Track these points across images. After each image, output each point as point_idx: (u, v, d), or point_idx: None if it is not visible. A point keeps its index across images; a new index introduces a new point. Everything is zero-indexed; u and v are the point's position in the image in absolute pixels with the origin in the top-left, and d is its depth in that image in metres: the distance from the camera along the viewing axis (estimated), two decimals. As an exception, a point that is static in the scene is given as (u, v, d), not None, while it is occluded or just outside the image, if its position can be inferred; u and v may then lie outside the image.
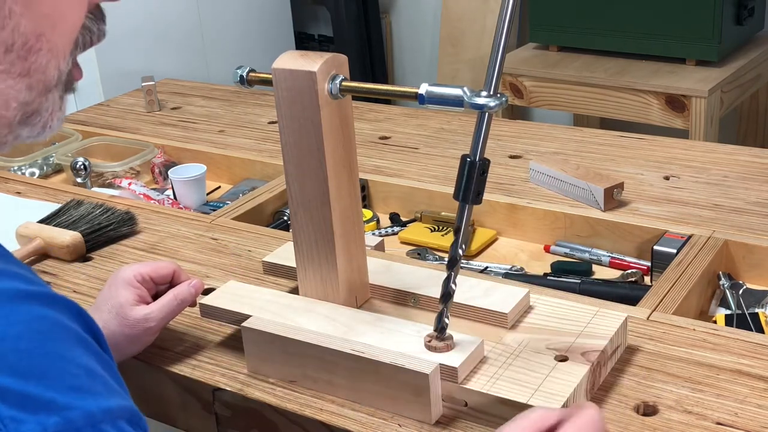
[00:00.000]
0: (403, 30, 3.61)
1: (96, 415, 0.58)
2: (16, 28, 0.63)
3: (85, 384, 0.59)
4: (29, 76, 0.66)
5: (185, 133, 1.91)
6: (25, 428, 0.54)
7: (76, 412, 0.57)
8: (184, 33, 3.00)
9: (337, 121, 0.99)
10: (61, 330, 0.60)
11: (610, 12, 2.58)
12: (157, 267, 1.08)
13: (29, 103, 0.66)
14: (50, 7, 0.65)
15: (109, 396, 0.60)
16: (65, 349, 0.59)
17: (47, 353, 0.58)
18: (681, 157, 1.57)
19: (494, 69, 0.88)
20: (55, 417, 0.56)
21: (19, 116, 0.66)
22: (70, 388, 0.57)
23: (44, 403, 0.56)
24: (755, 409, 0.92)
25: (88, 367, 0.60)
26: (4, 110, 0.65)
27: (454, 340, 0.95)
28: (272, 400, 1.00)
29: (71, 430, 0.56)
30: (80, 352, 0.60)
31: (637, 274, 1.30)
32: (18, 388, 0.55)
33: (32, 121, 0.68)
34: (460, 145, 1.71)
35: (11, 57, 0.64)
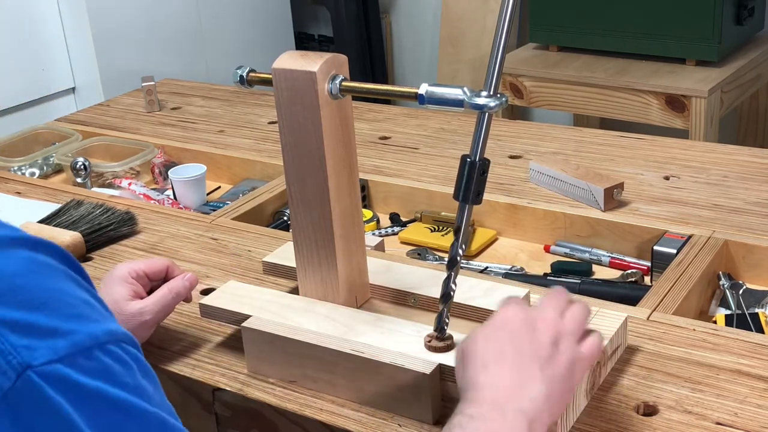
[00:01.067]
0: (403, 30, 3.61)
1: (100, 337, 0.61)
2: None
3: (84, 312, 0.62)
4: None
5: (185, 133, 1.91)
6: (38, 354, 0.57)
7: (82, 335, 0.60)
8: (184, 33, 3.01)
9: (337, 121, 0.99)
10: (52, 269, 0.63)
11: (610, 12, 2.58)
12: (151, 263, 1.09)
13: None
14: None
15: (108, 321, 0.63)
16: (60, 285, 0.62)
17: (44, 288, 0.61)
18: (681, 157, 1.57)
19: (494, 69, 0.88)
20: (63, 340, 0.59)
21: None
22: (70, 316, 0.61)
23: (51, 330, 0.59)
24: (755, 409, 0.92)
25: (83, 298, 0.63)
26: None
27: (454, 340, 0.95)
28: (272, 400, 1.00)
29: (80, 351, 0.59)
30: (73, 286, 0.63)
31: (637, 275, 1.30)
32: (25, 319, 0.58)
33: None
34: (460, 145, 1.71)
35: None
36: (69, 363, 0.58)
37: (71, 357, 0.58)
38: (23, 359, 0.57)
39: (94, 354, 0.60)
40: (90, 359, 0.59)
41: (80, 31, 2.71)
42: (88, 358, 0.59)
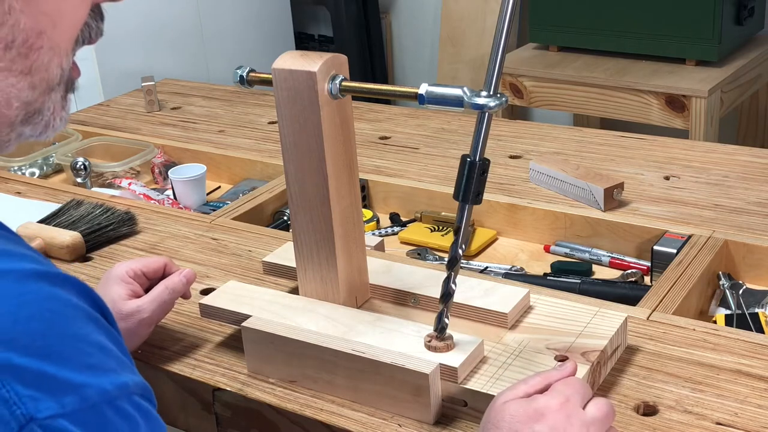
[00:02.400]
0: (403, 30, 3.61)
1: (111, 392, 0.58)
2: (16, 24, 0.63)
3: (98, 361, 0.59)
4: (31, 74, 0.65)
5: (185, 133, 1.91)
6: (43, 407, 0.55)
7: (92, 390, 0.57)
8: (184, 33, 3.01)
9: (337, 121, 0.99)
10: (72, 309, 0.60)
11: (610, 12, 2.57)
12: (149, 262, 1.09)
13: (31, 102, 0.66)
14: (50, 6, 0.64)
15: (122, 372, 0.61)
16: (77, 327, 0.59)
17: (60, 333, 0.58)
18: (681, 157, 1.57)
19: (494, 69, 0.88)
20: (72, 395, 0.56)
21: (21, 115, 0.66)
22: (84, 366, 0.58)
23: (60, 381, 0.56)
24: (755, 409, 0.92)
25: (100, 344, 0.60)
26: (5, 109, 0.65)
27: (454, 340, 0.95)
28: (272, 400, 1.00)
29: (88, 408, 0.57)
30: (91, 329, 0.60)
31: (637, 274, 1.30)
32: (34, 368, 0.55)
33: (34, 120, 0.67)
34: (460, 145, 1.71)
35: (11, 54, 0.63)
36: (74, 419, 0.56)
37: (78, 413, 0.56)
38: (27, 410, 0.54)
39: (102, 411, 0.58)
40: (97, 416, 0.57)
41: (80, 31, 2.71)
42: (95, 415, 0.57)
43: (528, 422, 0.79)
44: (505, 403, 0.82)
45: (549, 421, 0.79)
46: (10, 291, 0.58)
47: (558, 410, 0.79)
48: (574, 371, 0.87)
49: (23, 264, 0.60)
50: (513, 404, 0.81)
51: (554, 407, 0.80)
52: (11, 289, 0.58)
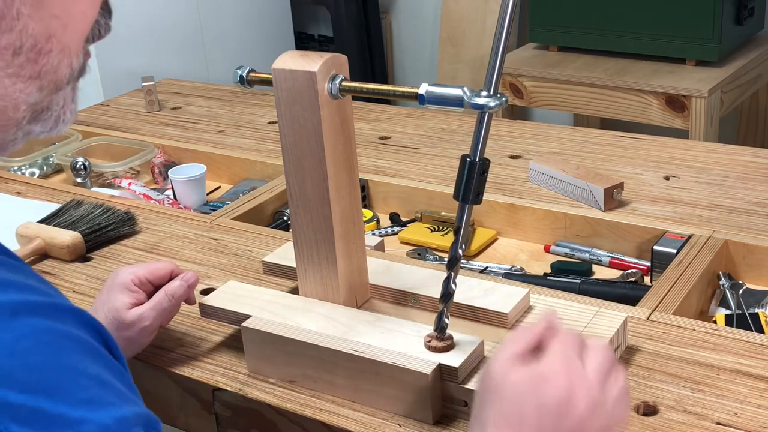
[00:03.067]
0: (403, 30, 3.61)
1: (110, 427, 0.57)
2: (24, 30, 0.62)
3: (96, 395, 0.58)
4: (40, 78, 0.65)
5: (185, 133, 1.91)
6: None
7: (90, 426, 0.56)
8: (184, 33, 3.00)
9: (337, 121, 0.99)
10: (70, 341, 0.59)
11: (610, 12, 2.58)
12: (155, 269, 1.07)
13: (38, 102, 0.66)
14: (60, 9, 0.64)
15: (122, 405, 0.59)
16: (75, 360, 0.58)
17: (56, 367, 0.57)
18: (681, 157, 1.57)
19: (494, 69, 0.88)
20: None
21: (28, 116, 0.66)
22: (81, 401, 0.57)
23: (56, 418, 0.55)
24: (755, 409, 0.92)
25: (98, 377, 0.59)
26: (12, 112, 0.64)
27: (454, 340, 0.95)
28: (272, 400, 1.00)
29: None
30: (90, 362, 0.59)
31: (637, 274, 1.30)
32: (29, 404, 0.54)
33: (43, 117, 0.67)
34: (460, 145, 1.71)
35: (20, 60, 0.63)
36: None
37: None
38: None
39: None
40: None
41: (80, 31, 2.71)
42: None
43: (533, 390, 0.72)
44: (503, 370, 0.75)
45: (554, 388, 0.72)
46: (5, 325, 0.56)
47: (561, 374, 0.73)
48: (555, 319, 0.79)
49: (19, 296, 0.59)
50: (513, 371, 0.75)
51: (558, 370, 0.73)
52: (6, 323, 0.56)
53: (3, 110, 0.64)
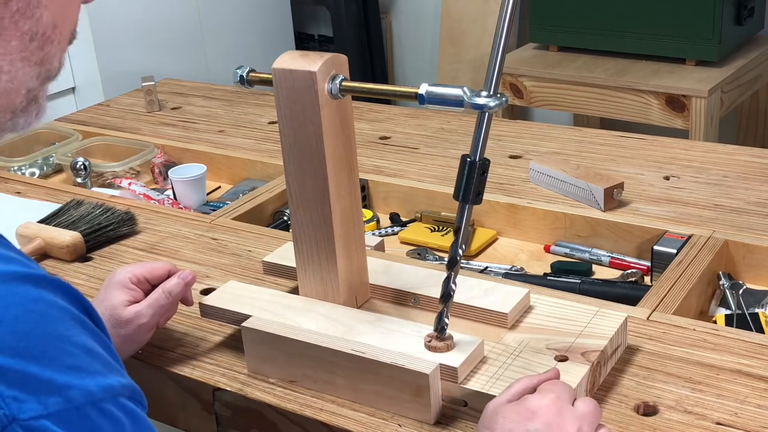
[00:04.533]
0: (403, 30, 3.61)
1: (96, 394, 0.58)
2: (41, 18, 0.65)
3: (83, 363, 0.59)
4: (42, 65, 0.68)
5: (185, 133, 1.91)
6: (27, 407, 0.55)
7: (76, 391, 0.57)
8: (184, 33, 3.01)
9: (337, 121, 0.99)
10: (58, 310, 0.60)
11: (610, 12, 2.58)
12: (152, 268, 1.08)
13: (32, 90, 0.68)
14: (63, 1, 0.67)
15: (108, 374, 0.60)
16: (62, 329, 0.59)
17: (45, 334, 0.58)
18: (681, 157, 1.57)
19: (494, 69, 0.88)
20: (56, 396, 0.56)
21: (24, 103, 0.68)
22: (68, 367, 0.58)
23: (44, 383, 0.56)
24: (755, 409, 0.92)
25: (86, 346, 0.60)
26: (15, 96, 0.67)
27: (454, 340, 0.95)
28: (272, 400, 1.00)
29: (72, 409, 0.57)
30: (78, 331, 0.60)
31: (637, 274, 1.30)
32: (18, 369, 0.56)
33: (30, 108, 0.69)
34: (460, 145, 1.71)
35: (33, 46, 0.66)
36: (58, 421, 0.56)
37: (61, 414, 0.56)
38: (10, 411, 0.54)
39: (86, 412, 0.57)
40: (81, 418, 0.57)
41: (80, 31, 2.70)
42: (79, 417, 0.57)
43: (521, 422, 0.80)
44: (495, 407, 0.83)
45: (542, 418, 0.80)
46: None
47: (549, 407, 0.81)
48: (557, 375, 0.88)
49: (10, 267, 0.60)
50: (504, 407, 0.82)
51: (545, 404, 0.81)
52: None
53: (8, 92, 0.66)
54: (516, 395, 0.84)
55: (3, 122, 0.68)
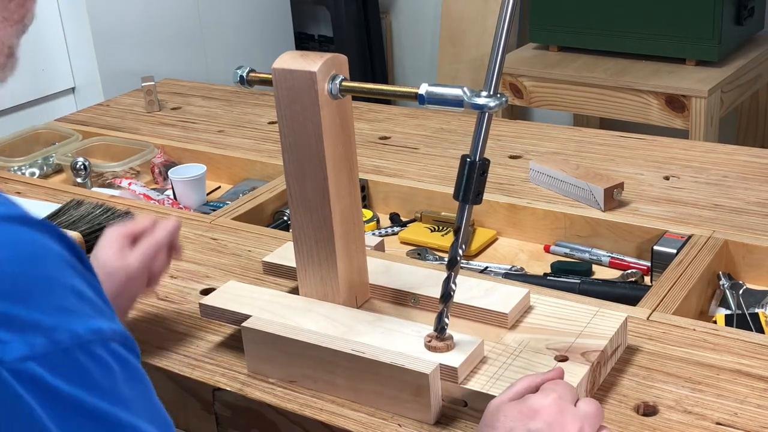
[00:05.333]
0: (403, 30, 3.61)
1: (84, 336, 0.57)
2: None
3: (72, 305, 0.58)
4: (22, 22, 0.70)
5: (185, 133, 1.91)
6: (12, 348, 0.54)
7: (63, 333, 0.56)
8: (184, 33, 3.01)
9: (337, 121, 0.99)
10: (48, 252, 0.59)
11: (610, 12, 2.58)
12: (137, 223, 1.09)
13: (12, 47, 0.70)
14: None
15: (98, 317, 0.59)
16: (52, 271, 0.59)
17: (34, 276, 0.57)
18: (681, 157, 1.57)
19: (494, 69, 0.88)
20: (42, 338, 0.55)
21: (2, 60, 0.70)
22: (56, 309, 0.57)
23: (30, 323, 0.55)
24: (755, 409, 0.92)
25: (75, 288, 0.59)
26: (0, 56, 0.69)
27: (454, 340, 0.95)
28: (272, 400, 1.00)
29: (59, 351, 0.56)
30: (68, 274, 0.60)
31: (637, 274, 1.30)
32: (3, 310, 0.55)
33: (8, 63, 0.71)
34: (460, 145, 1.71)
35: (13, 5, 0.68)
36: (44, 362, 0.55)
37: (47, 356, 0.55)
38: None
39: (74, 355, 0.56)
40: (68, 360, 0.56)
41: (80, 31, 2.71)
42: (66, 359, 0.56)
43: (522, 420, 0.80)
44: (497, 405, 0.83)
45: (543, 417, 0.80)
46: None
47: (551, 406, 0.81)
48: (561, 375, 0.88)
49: None
50: (506, 405, 0.82)
51: (547, 404, 0.81)
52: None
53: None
54: (518, 394, 0.84)
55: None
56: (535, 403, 0.81)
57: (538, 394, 0.83)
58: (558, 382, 0.86)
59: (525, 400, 0.82)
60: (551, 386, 0.84)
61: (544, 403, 0.81)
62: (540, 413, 0.80)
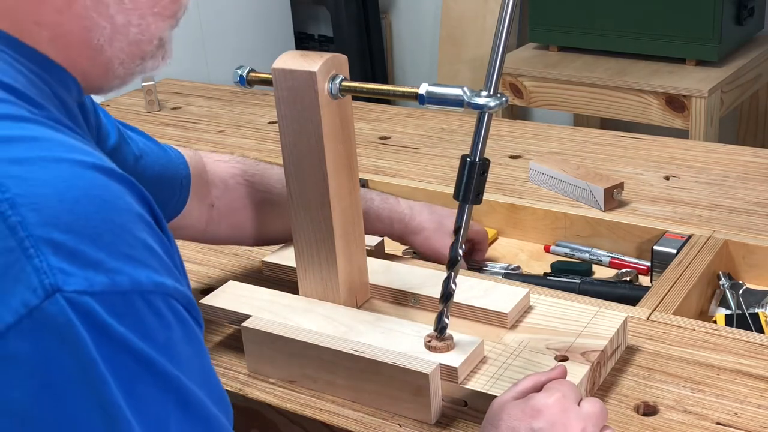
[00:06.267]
0: (403, 30, 3.61)
1: (145, 285, 0.58)
2: None
3: (139, 255, 0.59)
4: (174, 17, 0.73)
5: (185, 133, 1.91)
6: (72, 281, 0.55)
7: (125, 277, 0.57)
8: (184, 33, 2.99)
9: (337, 121, 0.99)
10: (122, 202, 0.60)
11: (610, 12, 2.58)
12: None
13: (163, 39, 0.73)
14: None
15: (165, 275, 0.60)
16: (125, 220, 0.59)
17: (105, 219, 0.58)
18: (681, 157, 1.57)
19: (494, 69, 0.88)
20: (103, 276, 0.56)
21: (153, 50, 0.73)
22: (122, 255, 0.57)
23: (94, 261, 0.56)
24: (755, 409, 0.92)
25: (146, 243, 0.60)
26: (147, 45, 0.72)
27: (454, 340, 0.95)
28: (272, 400, 1.00)
29: (117, 293, 0.56)
30: (140, 227, 0.60)
31: (632, 273, 1.30)
32: (71, 245, 0.55)
33: (159, 53, 0.74)
34: (460, 145, 1.71)
35: (165, 1, 0.71)
36: (101, 300, 0.55)
37: (105, 295, 0.56)
38: (56, 281, 0.54)
39: (131, 299, 0.57)
40: (125, 304, 0.57)
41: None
42: (123, 302, 0.57)
43: (525, 419, 0.80)
44: (501, 404, 0.83)
45: (546, 416, 0.80)
46: (62, 174, 0.58)
47: (554, 405, 0.81)
48: (564, 373, 0.88)
49: (84, 156, 0.60)
50: (509, 404, 0.83)
51: (550, 403, 0.81)
52: (64, 172, 0.58)
53: (139, 43, 0.71)
54: (522, 393, 0.84)
55: (133, 67, 0.73)
56: (538, 402, 0.81)
57: (541, 393, 0.83)
58: (562, 381, 0.86)
59: (528, 399, 0.82)
60: (555, 385, 0.84)
61: (547, 402, 0.81)
62: (543, 412, 0.80)
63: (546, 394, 0.83)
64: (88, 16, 0.68)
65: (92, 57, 0.70)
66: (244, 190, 1.18)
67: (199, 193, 1.14)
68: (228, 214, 1.17)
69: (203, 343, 0.64)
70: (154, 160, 1.09)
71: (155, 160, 1.09)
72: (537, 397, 0.82)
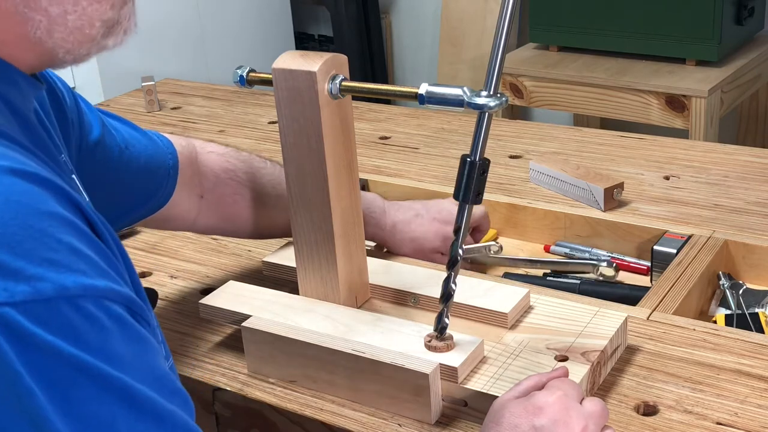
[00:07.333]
0: (403, 30, 3.61)
1: (72, 289, 0.56)
2: None
3: (63, 259, 0.57)
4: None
5: (185, 133, 1.91)
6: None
7: (47, 284, 0.55)
8: (184, 33, 3.01)
9: (337, 121, 0.99)
10: (46, 207, 0.58)
11: (610, 12, 2.58)
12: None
13: (110, 18, 0.73)
14: None
15: (95, 276, 0.58)
16: (46, 225, 0.57)
17: (23, 225, 0.56)
18: (681, 157, 1.57)
19: (494, 69, 0.88)
20: (24, 285, 0.54)
21: (102, 31, 0.72)
22: (44, 260, 0.56)
23: (13, 270, 0.54)
24: (755, 409, 0.92)
25: (72, 246, 0.58)
26: (89, 29, 0.71)
27: (454, 340, 0.95)
28: (272, 400, 1.00)
29: (40, 301, 0.55)
30: (65, 231, 0.58)
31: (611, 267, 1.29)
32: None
33: (114, 31, 0.74)
34: (460, 145, 1.71)
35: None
36: (23, 310, 0.54)
37: (28, 304, 0.54)
38: None
39: (57, 306, 0.55)
40: (50, 311, 0.55)
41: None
42: (48, 309, 0.55)
43: (527, 417, 0.80)
44: (503, 402, 0.83)
45: (548, 414, 0.80)
46: None
47: (556, 403, 0.81)
48: (565, 374, 0.89)
49: (8, 162, 0.59)
50: (511, 402, 0.83)
51: (552, 401, 0.81)
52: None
53: (80, 28, 0.71)
54: (524, 392, 0.85)
55: (89, 47, 0.73)
56: (540, 401, 0.81)
57: (543, 391, 0.83)
58: (564, 380, 0.86)
59: (530, 398, 0.83)
60: (557, 384, 0.84)
61: (549, 400, 0.81)
62: (545, 410, 0.80)
63: (548, 392, 0.83)
64: (19, 12, 0.67)
65: (34, 50, 0.70)
66: (235, 185, 1.17)
67: (188, 184, 1.13)
68: (219, 206, 1.17)
69: (150, 340, 0.63)
70: (140, 150, 1.08)
71: (141, 150, 1.08)
72: (539, 395, 0.83)
